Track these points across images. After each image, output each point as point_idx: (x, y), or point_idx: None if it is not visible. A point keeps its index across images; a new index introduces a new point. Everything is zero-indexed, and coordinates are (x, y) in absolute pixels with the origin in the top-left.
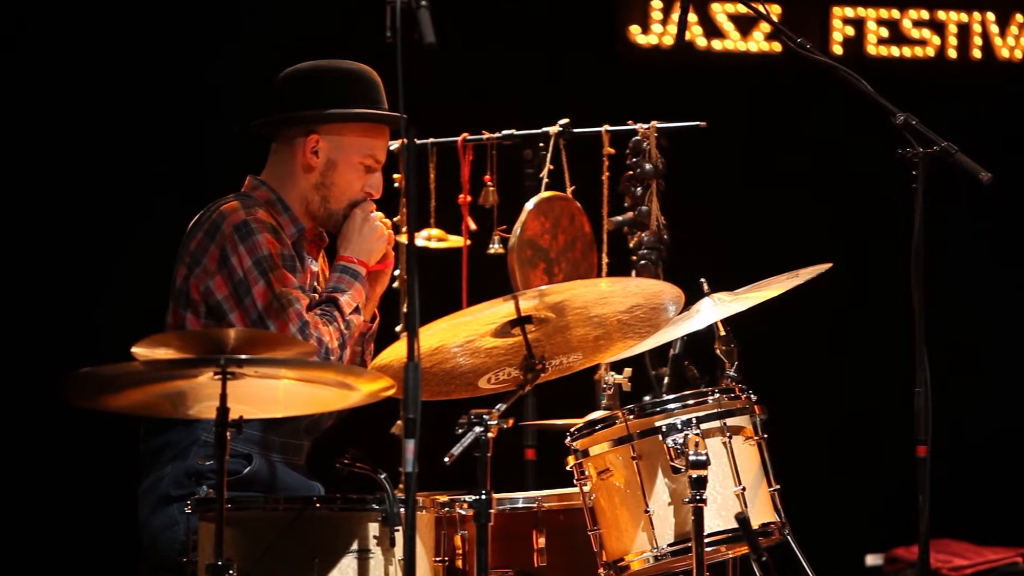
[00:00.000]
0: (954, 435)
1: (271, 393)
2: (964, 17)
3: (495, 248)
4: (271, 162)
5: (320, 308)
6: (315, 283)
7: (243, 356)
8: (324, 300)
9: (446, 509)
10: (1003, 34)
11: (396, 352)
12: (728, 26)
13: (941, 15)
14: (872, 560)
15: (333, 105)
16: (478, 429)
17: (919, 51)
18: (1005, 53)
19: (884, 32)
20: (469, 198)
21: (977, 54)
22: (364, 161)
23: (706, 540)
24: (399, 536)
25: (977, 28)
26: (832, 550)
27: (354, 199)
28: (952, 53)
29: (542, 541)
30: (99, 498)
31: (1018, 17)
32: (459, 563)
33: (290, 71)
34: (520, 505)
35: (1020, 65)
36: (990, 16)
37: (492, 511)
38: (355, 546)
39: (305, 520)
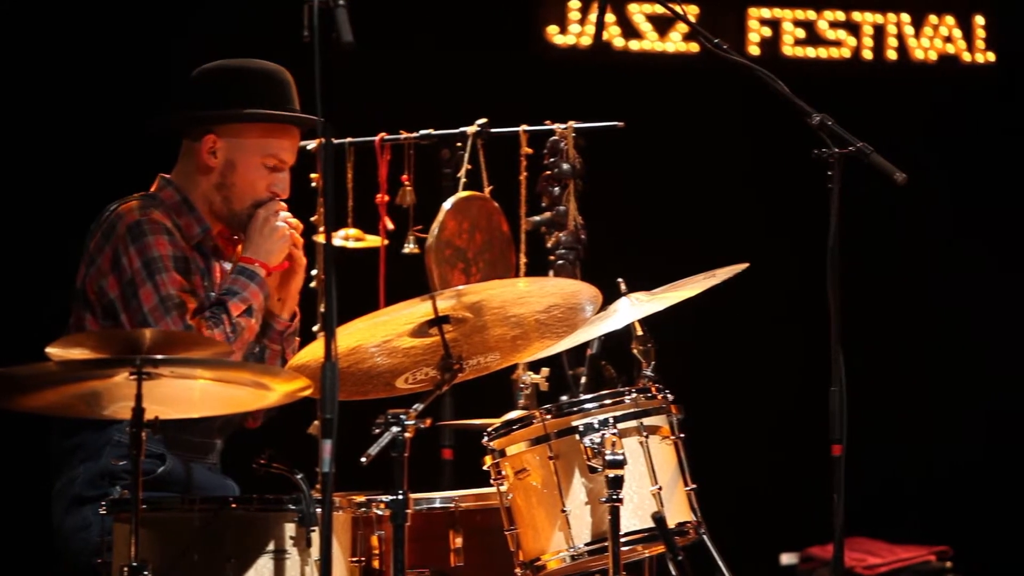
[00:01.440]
0: (869, 434)
1: (187, 394)
2: (879, 18)
3: (412, 248)
4: (179, 161)
5: (209, 311)
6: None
7: (159, 356)
8: (214, 302)
9: (363, 509)
10: (917, 35)
11: (313, 352)
12: (646, 26)
13: (856, 16)
14: (787, 559)
15: (231, 105)
16: (395, 429)
17: (835, 52)
18: (919, 54)
19: (800, 33)
20: (387, 198)
21: (892, 55)
22: (266, 161)
23: (622, 539)
24: (315, 536)
25: (892, 29)
26: (747, 549)
27: (258, 199)
28: (867, 54)
29: (459, 541)
30: (10, 500)
31: (932, 18)
32: (375, 563)
33: (198, 69)
34: (437, 505)
35: (934, 66)
36: (905, 17)
37: (409, 511)
38: (271, 547)
39: (221, 521)
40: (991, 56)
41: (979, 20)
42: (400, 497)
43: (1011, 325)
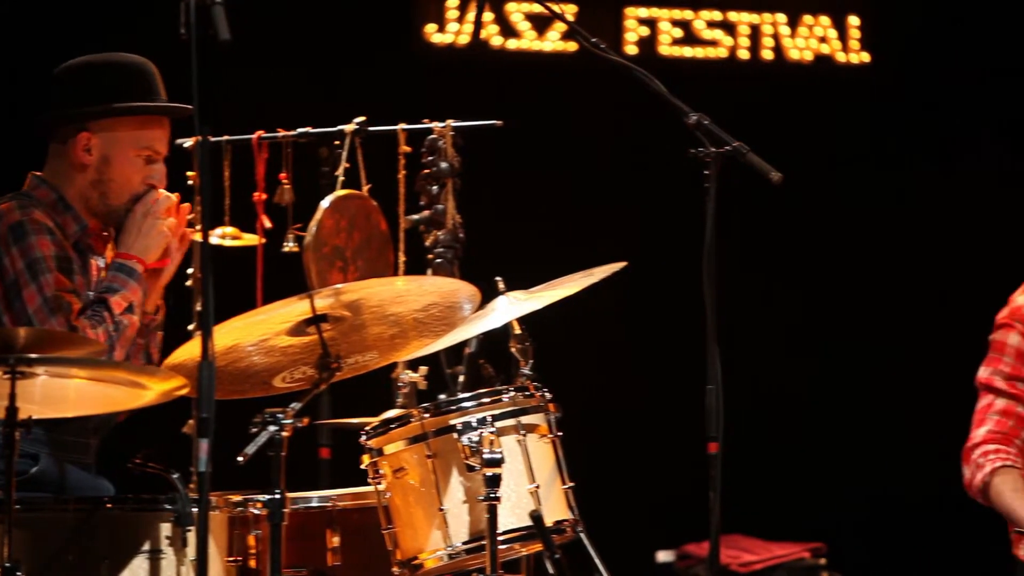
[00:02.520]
0: (745, 432)
1: (62, 393)
2: (755, 18)
3: (290, 246)
4: (50, 160)
5: (90, 309)
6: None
7: (33, 355)
8: (95, 300)
9: (239, 509)
10: (793, 35)
11: (190, 351)
12: (523, 25)
13: (733, 16)
14: (663, 556)
15: (102, 100)
16: (272, 428)
17: (711, 52)
18: (795, 54)
19: (677, 32)
20: (264, 196)
21: (768, 55)
22: (142, 154)
23: (500, 538)
24: (191, 536)
25: (768, 29)
26: (624, 547)
27: (135, 192)
28: (744, 54)
29: (336, 540)
30: None
31: (807, 19)
32: (252, 563)
33: (62, 67)
34: (314, 504)
35: (809, 66)
36: (780, 17)
37: (286, 510)
38: (147, 546)
39: (96, 521)
40: (866, 56)
41: (853, 21)
42: (277, 496)
43: (887, 323)
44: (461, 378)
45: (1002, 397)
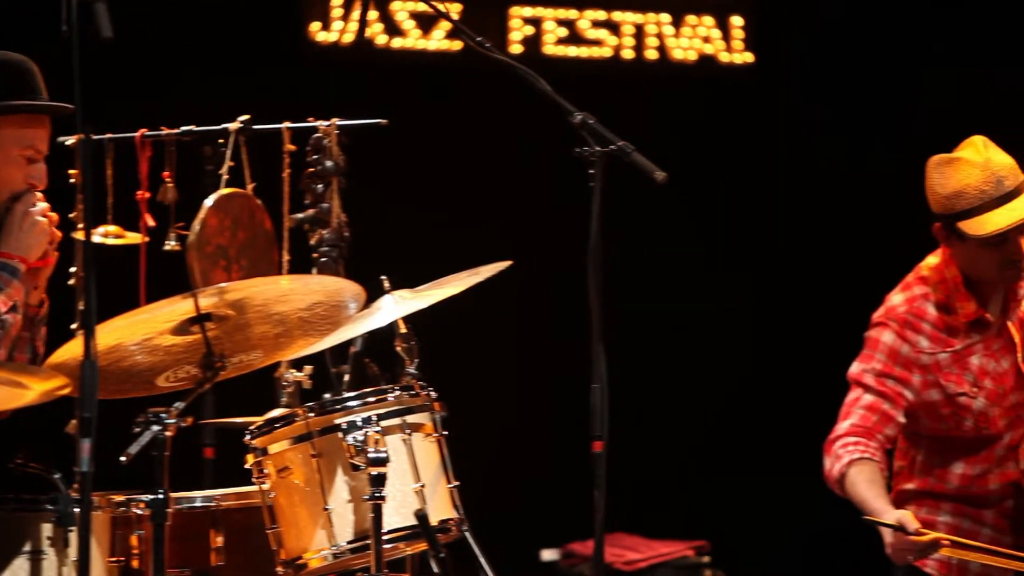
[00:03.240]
0: (630, 430)
1: None
2: (639, 18)
3: (173, 245)
4: None
5: None
6: None
7: None
8: None
9: (122, 509)
10: (677, 35)
11: (72, 350)
12: (408, 24)
13: (617, 16)
14: (548, 555)
15: None
16: (155, 428)
17: (596, 51)
18: (679, 54)
19: (562, 32)
20: (147, 194)
21: (652, 54)
22: (24, 152)
23: (385, 537)
24: (73, 536)
25: (652, 29)
26: (509, 546)
27: (15, 192)
28: (628, 53)
29: (220, 540)
30: None
31: (691, 19)
32: (135, 563)
33: None
34: (198, 504)
35: (693, 65)
36: (664, 17)
37: (169, 510)
38: (28, 547)
39: None
40: (749, 56)
41: (737, 21)
42: (160, 496)
43: (769, 321)
44: (346, 377)
45: (870, 393)
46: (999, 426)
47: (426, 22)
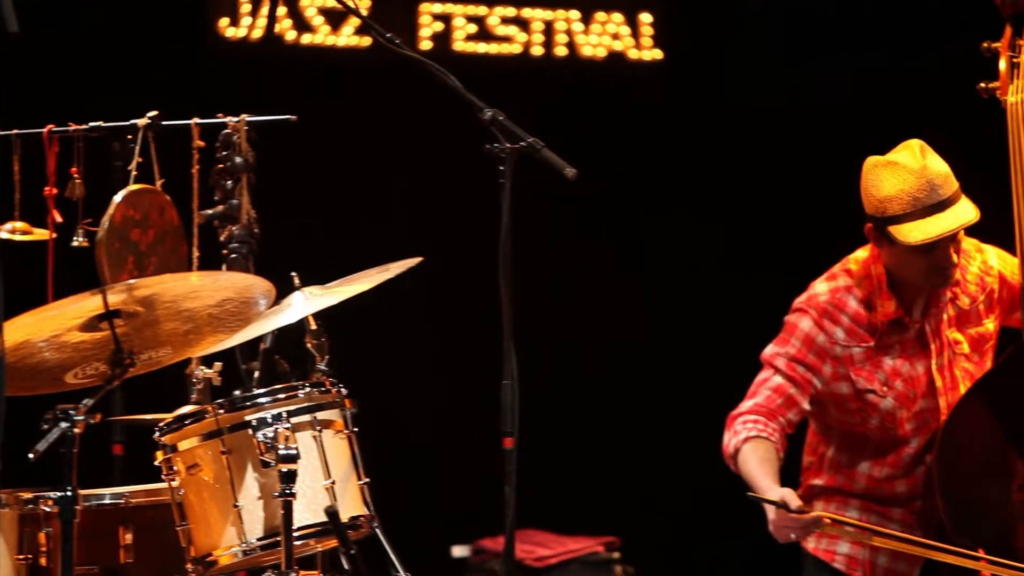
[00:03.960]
0: (541, 427)
1: None
2: (549, 15)
3: (81, 241)
4: None
5: None
6: None
7: None
8: None
9: (30, 506)
10: (586, 32)
11: None
12: (317, 20)
13: (527, 12)
14: (458, 551)
15: None
16: (64, 425)
17: (505, 48)
18: (588, 51)
19: (471, 28)
20: (55, 190)
21: (562, 51)
22: None
23: (295, 534)
24: None
25: (561, 26)
26: (419, 542)
27: None
28: (537, 50)
29: (129, 537)
30: None
31: (600, 15)
32: (43, 561)
33: None
34: (107, 501)
35: (602, 63)
36: (574, 14)
37: (78, 508)
38: None
39: None
40: (658, 53)
41: (645, 18)
42: (69, 493)
43: (680, 322)
44: (256, 374)
45: (780, 376)
46: (906, 429)
47: (335, 18)
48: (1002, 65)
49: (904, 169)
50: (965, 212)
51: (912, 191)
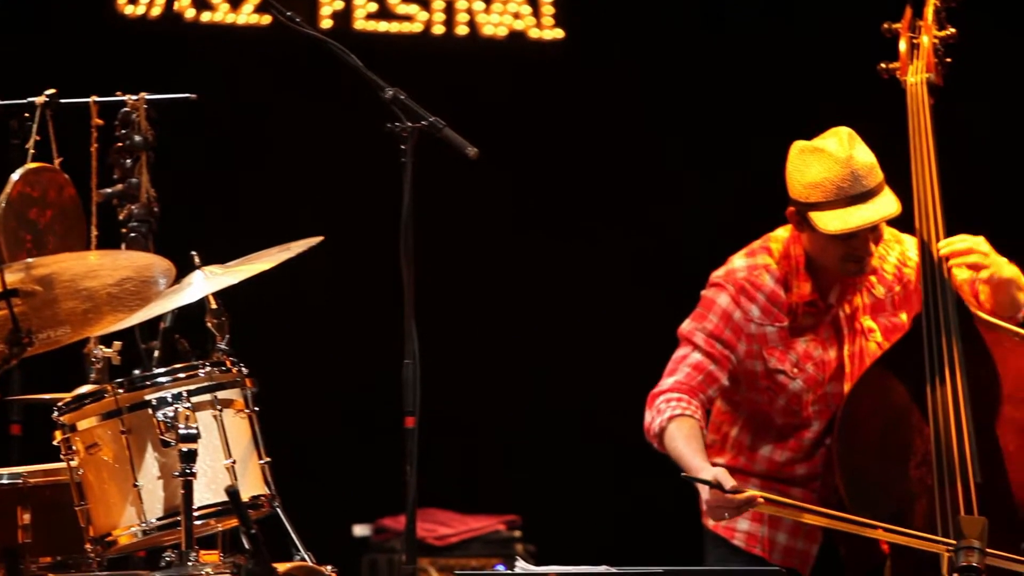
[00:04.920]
0: (442, 406)
1: None
2: None
3: None
4: None
5: None
6: None
7: None
8: None
9: None
10: (487, 11)
11: None
12: None
13: None
14: (360, 531)
15: None
16: None
17: (406, 26)
18: (489, 30)
19: (372, 7)
20: None
21: (463, 30)
22: None
23: (196, 513)
24: None
25: (462, 5)
26: (321, 521)
27: None
28: (438, 29)
29: (27, 517)
30: None
31: None
32: None
33: None
34: (4, 481)
35: (503, 41)
36: None
37: None
38: None
39: None
40: (559, 32)
41: None
42: None
43: (586, 300)
44: (156, 353)
45: (698, 352)
46: (809, 412)
47: None
48: (902, 46)
49: (830, 157)
50: (887, 205)
51: (836, 180)
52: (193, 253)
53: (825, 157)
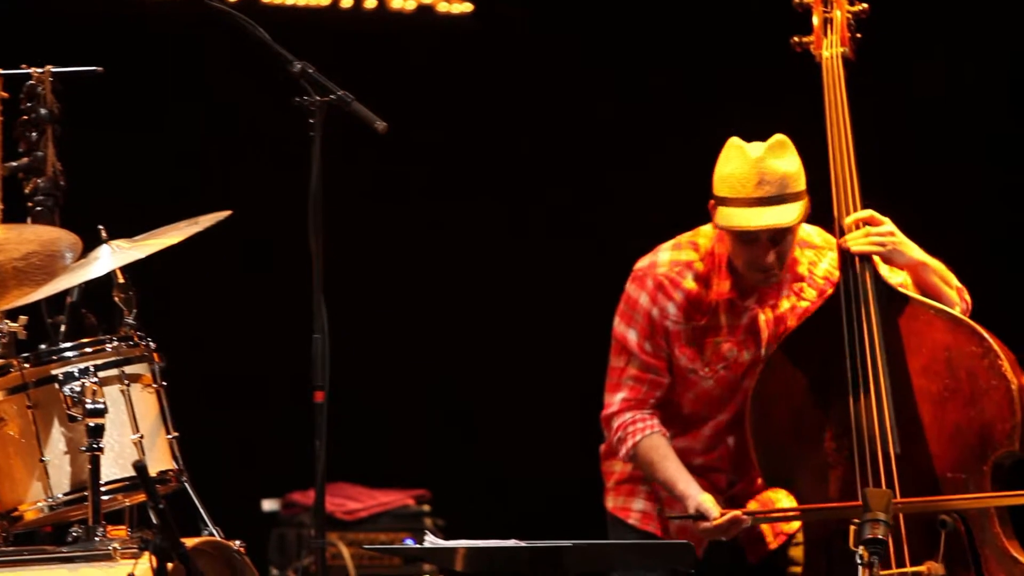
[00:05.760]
0: (351, 381)
1: None
2: None
3: None
4: None
5: None
6: None
7: None
8: None
9: None
10: None
11: None
12: None
13: None
14: (269, 505)
15: None
16: None
17: (314, 0)
18: (397, 3)
19: None
20: None
21: (371, 3)
22: None
23: (103, 488)
24: None
25: None
26: (229, 496)
27: None
28: (346, 2)
29: None
30: None
31: None
32: None
33: None
34: None
35: (411, 15)
36: None
37: None
38: None
39: None
40: (468, 6)
41: None
42: None
43: (498, 275)
44: (63, 328)
45: (635, 362)
46: (714, 407)
47: None
48: (815, 20)
49: (745, 157)
50: (779, 216)
51: (741, 178)
52: (100, 227)
53: (741, 155)
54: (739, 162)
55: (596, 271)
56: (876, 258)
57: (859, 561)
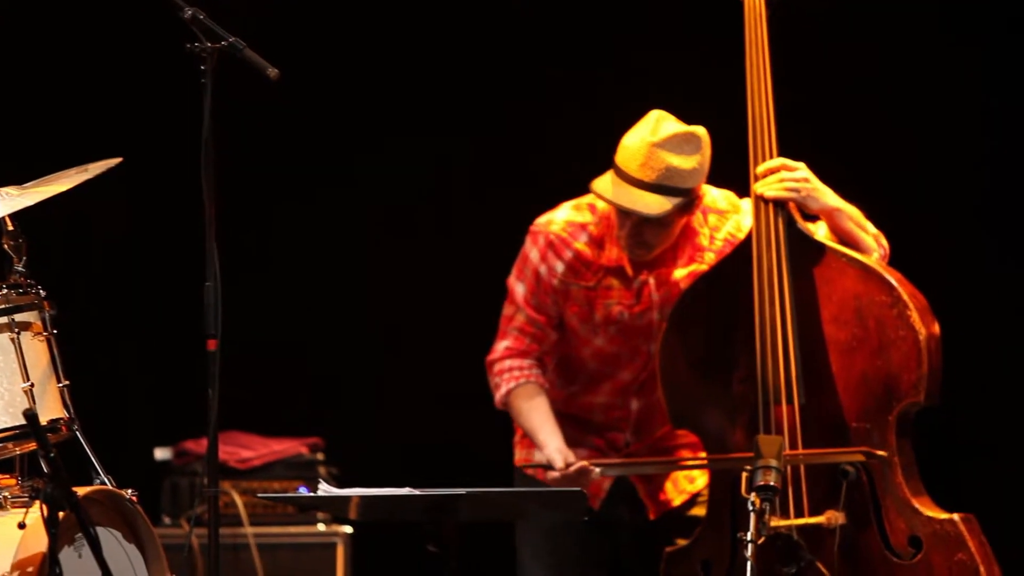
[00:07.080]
0: (244, 329)
1: None
2: None
3: None
4: None
5: None
6: None
7: None
8: None
9: None
10: None
11: None
12: None
13: None
14: (161, 454)
15: None
16: None
17: None
18: None
19: None
20: None
21: None
22: None
23: None
24: None
25: None
26: (121, 445)
27: None
28: None
29: None
30: None
31: None
32: None
33: None
34: None
35: None
36: None
37: None
38: None
39: None
40: None
41: None
42: None
43: (388, 224)
44: None
45: (521, 313)
46: (612, 365)
47: None
48: None
49: (646, 134)
50: (648, 204)
51: (632, 152)
52: None
53: (646, 132)
54: (639, 137)
55: (497, 219)
56: (791, 205)
57: (751, 508)
